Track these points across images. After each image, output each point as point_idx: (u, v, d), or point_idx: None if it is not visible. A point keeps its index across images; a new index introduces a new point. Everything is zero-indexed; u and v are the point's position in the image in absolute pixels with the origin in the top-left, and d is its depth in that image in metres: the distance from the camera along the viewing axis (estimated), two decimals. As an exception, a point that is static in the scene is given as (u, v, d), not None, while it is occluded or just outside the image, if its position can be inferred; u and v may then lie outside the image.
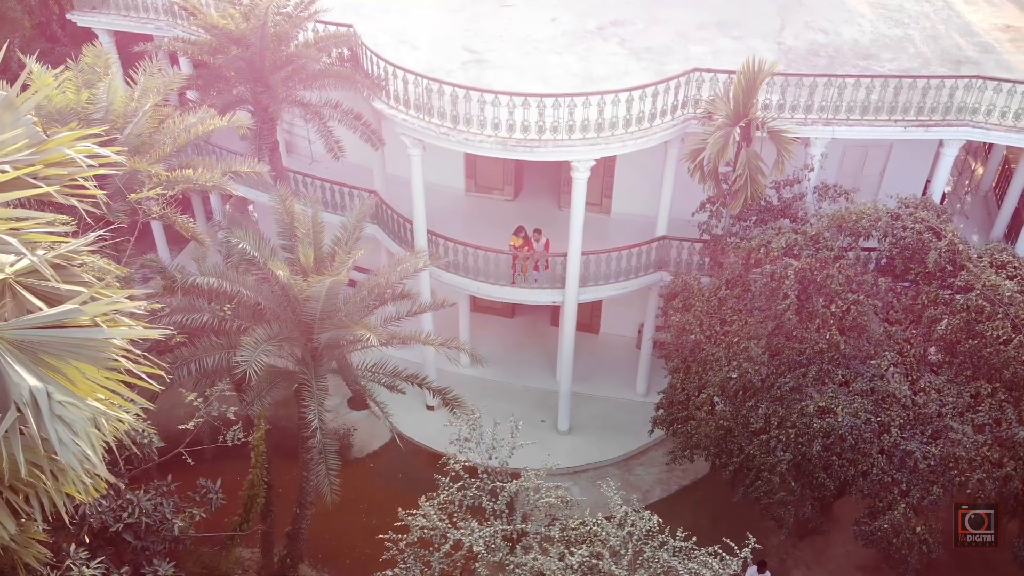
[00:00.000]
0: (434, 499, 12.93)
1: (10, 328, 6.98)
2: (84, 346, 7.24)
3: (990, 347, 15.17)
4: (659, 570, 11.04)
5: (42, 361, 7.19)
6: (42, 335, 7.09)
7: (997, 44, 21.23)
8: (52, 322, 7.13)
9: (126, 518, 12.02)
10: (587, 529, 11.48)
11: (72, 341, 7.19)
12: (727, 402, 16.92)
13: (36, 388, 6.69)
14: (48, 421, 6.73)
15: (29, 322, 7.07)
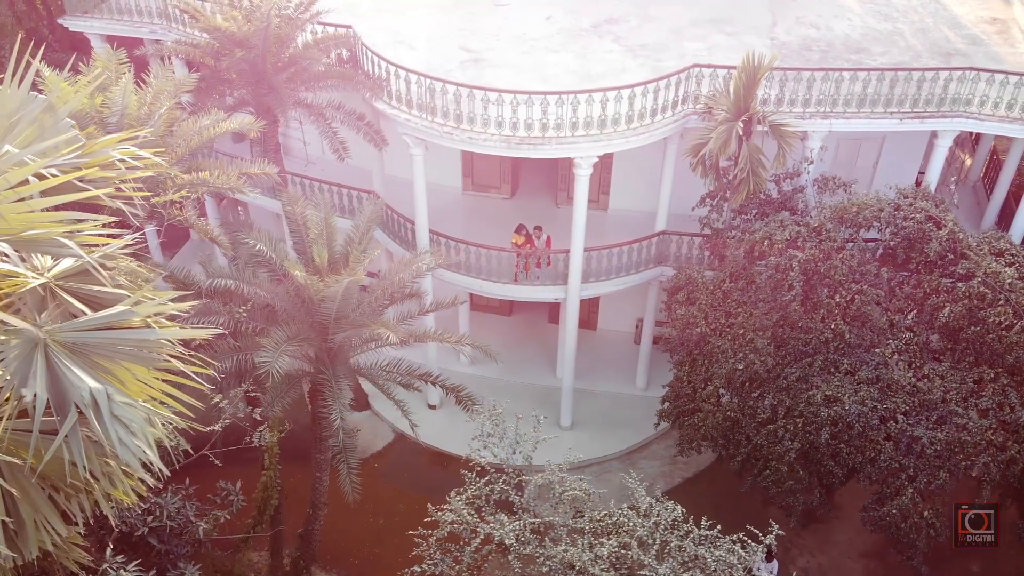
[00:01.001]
0: (462, 494, 12.98)
1: (63, 331, 7.01)
2: (136, 347, 7.28)
3: (992, 333, 15.48)
4: (686, 559, 11.19)
5: (94, 363, 7.22)
6: (95, 337, 7.12)
7: (985, 36, 21.61)
8: (104, 324, 7.17)
9: (151, 522, 12.01)
10: (613, 520, 11.62)
11: (124, 342, 7.23)
12: (734, 393, 17.12)
13: (96, 389, 6.72)
14: (108, 422, 6.77)
15: (82, 324, 7.10)
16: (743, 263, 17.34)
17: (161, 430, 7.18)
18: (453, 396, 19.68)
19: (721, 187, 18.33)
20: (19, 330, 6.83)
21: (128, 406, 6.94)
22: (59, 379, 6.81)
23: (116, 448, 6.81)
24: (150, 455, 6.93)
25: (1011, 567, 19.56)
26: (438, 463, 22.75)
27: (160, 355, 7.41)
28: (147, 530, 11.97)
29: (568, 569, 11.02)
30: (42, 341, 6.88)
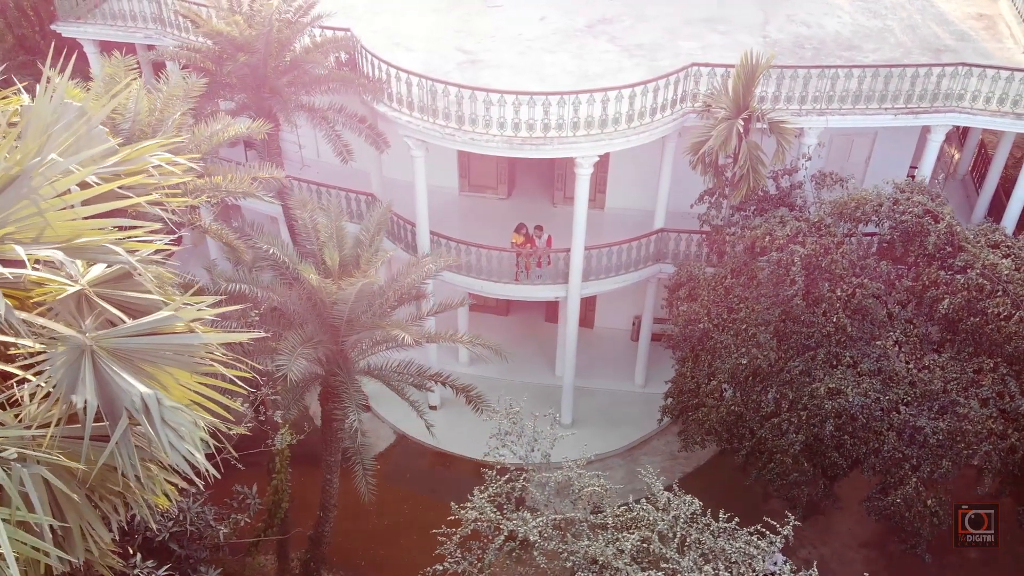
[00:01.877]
0: (485, 492, 13.09)
1: (109, 337, 7.05)
2: (180, 352, 7.33)
3: (991, 324, 15.77)
4: (707, 551, 11.36)
5: (139, 369, 7.26)
6: (139, 343, 7.17)
7: (972, 32, 21.97)
8: (148, 330, 7.22)
9: (171, 527, 12.04)
10: (633, 515, 11.77)
11: (168, 347, 7.27)
12: (737, 388, 17.31)
13: (147, 394, 6.78)
14: (159, 426, 6.83)
15: (127, 331, 7.14)
16: (744, 259, 17.54)
17: (207, 434, 7.25)
18: (453, 397, 19.83)
19: (720, 184, 18.53)
20: (66, 337, 6.87)
21: (176, 410, 7.01)
22: (108, 385, 6.86)
23: (167, 452, 6.87)
24: (200, 458, 7.00)
25: (1010, 556, 19.90)
26: (440, 463, 22.83)
27: (203, 359, 7.48)
28: (167, 535, 11.99)
29: (591, 564, 11.17)
30: (88, 347, 6.93)
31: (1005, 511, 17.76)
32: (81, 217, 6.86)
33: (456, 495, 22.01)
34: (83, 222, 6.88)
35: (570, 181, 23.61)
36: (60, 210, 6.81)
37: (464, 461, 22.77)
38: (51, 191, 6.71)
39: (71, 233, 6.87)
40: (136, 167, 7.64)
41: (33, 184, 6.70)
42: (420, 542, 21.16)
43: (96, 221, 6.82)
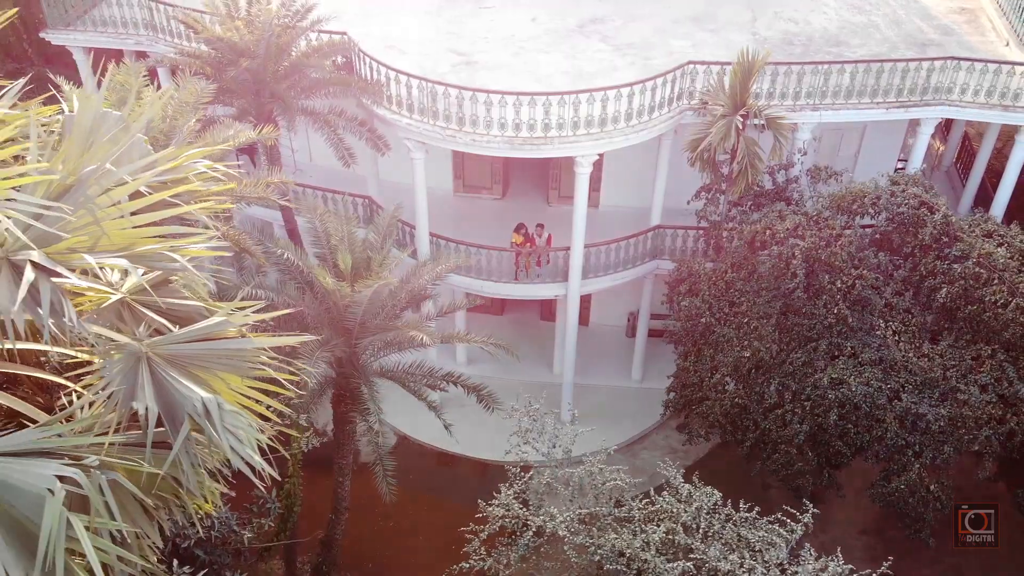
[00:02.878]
0: (511, 488, 13.22)
1: (164, 344, 7.11)
2: (232, 357, 7.40)
3: (989, 311, 16.13)
4: (730, 540, 11.57)
5: (193, 375, 7.33)
6: (193, 348, 7.23)
7: (955, 26, 22.41)
8: (202, 336, 7.29)
9: (194, 533, 12.06)
10: (657, 507, 11.96)
11: (221, 352, 7.34)
12: (740, 381, 17.57)
13: (208, 399, 6.85)
14: (220, 431, 6.90)
15: (181, 337, 7.21)
16: (745, 253, 17.80)
17: (264, 438, 7.33)
18: (452, 398, 19.93)
19: (717, 180, 18.78)
20: (122, 345, 6.93)
21: (234, 414, 7.08)
22: (167, 391, 6.92)
23: (228, 455, 6.95)
24: (260, 461, 7.08)
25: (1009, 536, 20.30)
26: (443, 464, 22.93)
27: (254, 364, 7.56)
28: (192, 541, 12.02)
29: (618, 557, 11.33)
30: (144, 354, 6.99)
31: (1003, 502, 18.16)
32: (136, 225, 6.91)
33: (460, 495, 22.34)
34: (137, 230, 6.93)
35: (565, 180, 23.82)
36: (114, 219, 6.86)
37: (466, 461, 22.91)
38: (107, 200, 6.76)
39: (126, 241, 6.91)
40: (184, 174, 7.70)
41: (89, 193, 6.75)
42: (427, 543, 21.30)
43: (153, 229, 6.87)
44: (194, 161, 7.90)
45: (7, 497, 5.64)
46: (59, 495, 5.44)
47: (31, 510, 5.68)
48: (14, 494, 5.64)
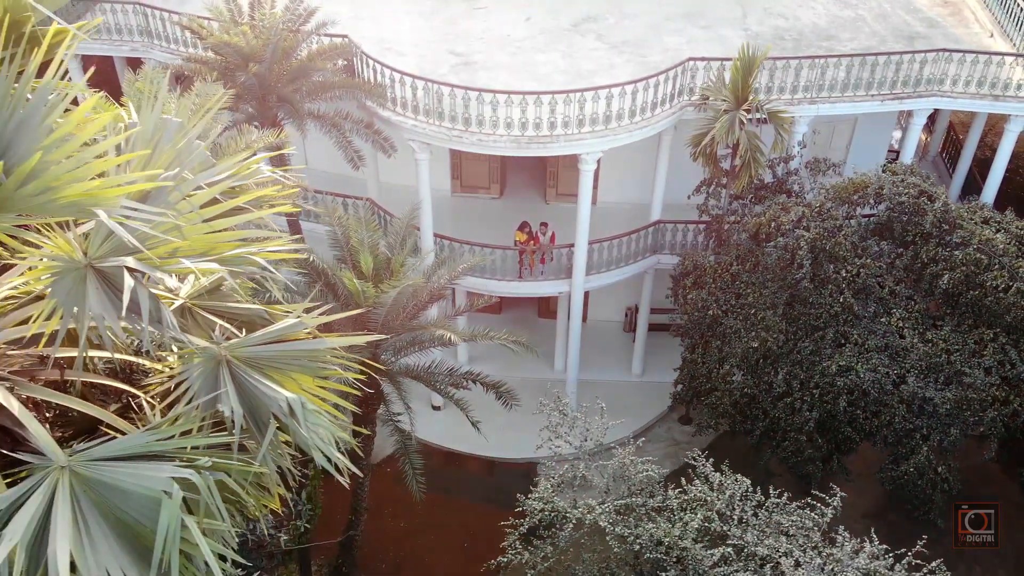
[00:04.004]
0: (548, 481, 13.39)
1: (241, 346, 7.20)
2: (305, 357, 7.50)
3: (991, 296, 16.57)
4: (764, 525, 11.83)
5: (269, 376, 7.42)
6: (269, 350, 7.32)
7: (940, 19, 22.92)
8: (276, 338, 7.38)
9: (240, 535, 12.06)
10: (690, 496, 12.19)
11: (295, 353, 7.43)
12: (748, 371, 17.86)
13: (292, 399, 6.94)
14: (306, 430, 7.00)
15: (257, 339, 7.29)
16: (750, 245, 18.11)
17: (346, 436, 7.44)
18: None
19: (719, 174, 19.07)
20: (202, 348, 7.01)
21: (316, 413, 7.19)
22: (249, 392, 7.01)
23: (312, 454, 7.06)
24: (343, 459, 7.19)
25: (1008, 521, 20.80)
26: (450, 463, 23.03)
27: (325, 364, 7.67)
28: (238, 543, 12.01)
29: (656, 546, 11.54)
30: (223, 358, 7.07)
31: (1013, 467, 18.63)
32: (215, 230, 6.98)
33: (469, 493, 22.51)
34: (216, 235, 7.01)
35: (562, 178, 24.04)
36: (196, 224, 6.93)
37: (472, 459, 23.04)
38: (187, 205, 6.83)
39: (206, 246, 6.98)
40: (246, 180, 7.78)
41: (170, 199, 6.82)
42: (440, 542, 21.40)
43: (232, 233, 6.95)
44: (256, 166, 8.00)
45: (117, 501, 5.71)
46: (177, 497, 5.52)
47: (141, 512, 5.75)
48: (124, 498, 5.71)
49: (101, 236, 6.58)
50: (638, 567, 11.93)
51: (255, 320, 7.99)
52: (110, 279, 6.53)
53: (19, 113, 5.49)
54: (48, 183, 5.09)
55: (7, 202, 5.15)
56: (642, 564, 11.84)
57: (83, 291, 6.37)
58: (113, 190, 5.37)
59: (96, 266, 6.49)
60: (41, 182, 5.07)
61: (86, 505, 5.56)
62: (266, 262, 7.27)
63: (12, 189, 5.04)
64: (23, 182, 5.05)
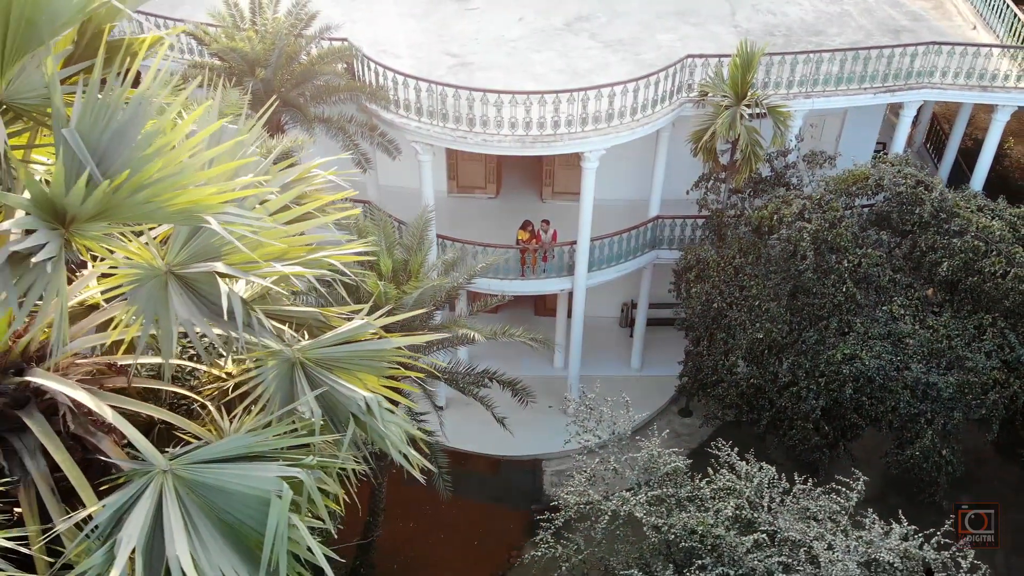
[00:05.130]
0: (583, 474, 13.56)
1: (312, 348, 7.30)
2: (371, 357, 7.60)
3: (989, 282, 17.00)
4: (793, 511, 12.09)
5: (339, 376, 7.51)
6: (339, 351, 7.43)
7: (924, 12, 23.43)
8: (345, 339, 7.48)
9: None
10: (719, 486, 12.43)
11: (362, 354, 7.54)
12: (753, 362, 18.17)
13: (369, 398, 7.05)
14: (383, 427, 7.11)
15: (327, 341, 7.40)
16: (753, 238, 18.41)
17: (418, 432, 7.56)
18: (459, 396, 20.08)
19: (718, 169, 19.36)
20: (277, 351, 7.09)
21: (389, 411, 7.30)
22: (325, 393, 7.11)
23: (389, 451, 7.18)
24: (416, 456, 7.32)
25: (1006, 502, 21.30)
26: (456, 462, 22.97)
27: (390, 363, 7.78)
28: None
29: (690, 535, 11.75)
30: (297, 360, 7.17)
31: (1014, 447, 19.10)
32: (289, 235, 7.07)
33: (476, 492, 22.60)
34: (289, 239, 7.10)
35: (559, 177, 24.23)
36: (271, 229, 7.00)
37: (477, 458, 23.15)
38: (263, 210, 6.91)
39: (278, 251, 7.07)
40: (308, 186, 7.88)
41: (246, 204, 6.89)
42: (449, 541, 21.50)
43: (305, 238, 7.04)
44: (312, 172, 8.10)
45: (219, 502, 5.79)
46: (287, 497, 5.61)
47: (244, 513, 5.84)
48: (227, 499, 5.80)
49: (179, 242, 6.66)
50: (671, 557, 12.15)
51: (309, 322, 8.10)
52: (192, 284, 6.61)
53: (116, 122, 5.55)
54: (159, 191, 5.16)
55: (116, 210, 5.22)
56: (675, 554, 12.06)
57: (165, 297, 6.44)
58: (218, 197, 5.45)
59: (176, 272, 6.56)
60: (153, 190, 5.14)
61: (191, 507, 5.65)
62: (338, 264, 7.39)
63: (124, 197, 5.11)
64: (136, 190, 5.12)
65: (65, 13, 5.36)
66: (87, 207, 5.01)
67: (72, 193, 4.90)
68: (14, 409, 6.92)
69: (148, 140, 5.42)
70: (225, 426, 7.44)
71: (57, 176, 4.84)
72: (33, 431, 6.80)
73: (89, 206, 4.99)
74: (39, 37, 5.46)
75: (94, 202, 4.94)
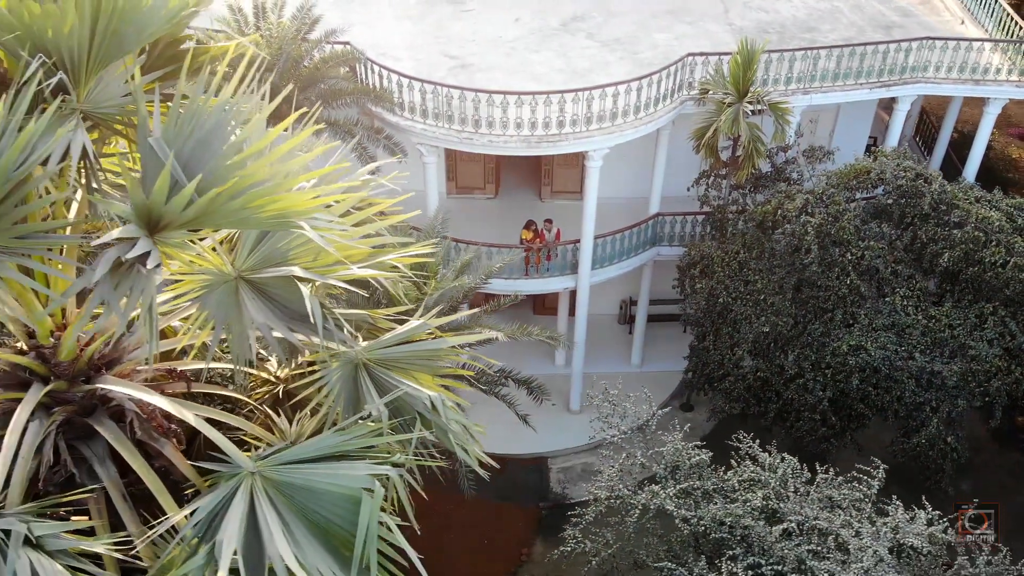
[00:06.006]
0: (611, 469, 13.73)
1: (375, 348, 7.40)
2: (428, 356, 7.72)
3: (990, 271, 17.35)
4: (817, 500, 12.32)
5: (400, 376, 7.62)
6: (399, 351, 7.53)
7: (912, 8, 23.83)
8: (404, 339, 7.59)
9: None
10: (744, 477, 12.63)
11: (420, 353, 7.65)
12: (760, 355, 18.43)
13: (435, 396, 7.16)
14: (449, 425, 7.23)
15: (388, 341, 7.51)
16: (756, 234, 18.66)
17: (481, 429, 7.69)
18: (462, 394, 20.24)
19: (719, 165, 19.60)
20: (341, 352, 7.19)
21: (453, 409, 7.42)
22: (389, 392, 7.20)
23: (453, 447, 7.30)
24: (480, 452, 7.44)
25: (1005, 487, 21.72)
26: (457, 461, 23.17)
27: (444, 361, 7.90)
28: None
29: (719, 526, 11.95)
30: (360, 360, 7.27)
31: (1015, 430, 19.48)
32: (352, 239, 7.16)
33: (482, 490, 22.62)
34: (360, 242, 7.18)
35: (557, 176, 24.40)
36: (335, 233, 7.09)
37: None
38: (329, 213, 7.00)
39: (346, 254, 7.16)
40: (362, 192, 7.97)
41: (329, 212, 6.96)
42: (458, 540, 21.59)
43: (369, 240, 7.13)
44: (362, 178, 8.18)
45: (307, 502, 5.88)
46: (379, 495, 5.71)
47: (331, 512, 5.93)
48: (315, 498, 5.89)
49: (247, 248, 6.74)
50: (700, 548, 12.34)
51: (360, 323, 8.19)
52: (262, 288, 6.69)
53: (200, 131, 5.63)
54: (253, 198, 5.25)
55: (210, 216, 5.30)
56: (703, 545, 12.26)
57: (236, 302, 6.52)
58: (309, 203, 5.54)
59: (246, 277, 6.64)
60: (247, 197, 5.22)
61: (282, 507, 5.73)
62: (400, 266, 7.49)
63: (221, 203, 5.19)
64: (231, 197, 5.20)
65: (152, 25, 5.43)
66: (187, 214, 5.09)
67: (174, 201, 4.98)
68: (82, 417, 6.98)
69: (236, 148, 5.50)
70: (284, 428, 7.55)
71: (161, 184, 4.91)
72: (104, 438, 6.87)
73: (190, 214, 5.07)
74: (123, 49, 5.53)
75: (196, 209, 5.02)
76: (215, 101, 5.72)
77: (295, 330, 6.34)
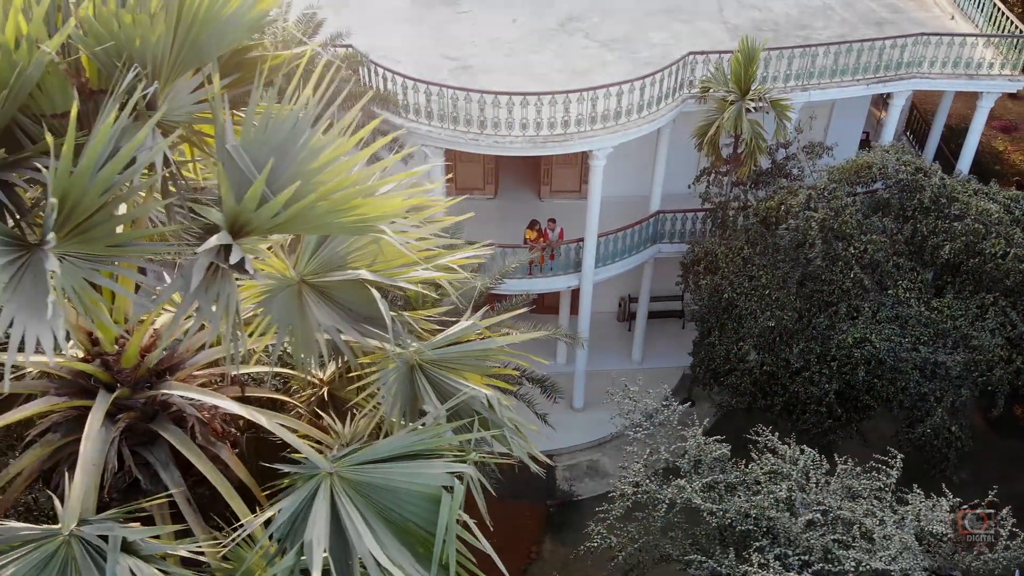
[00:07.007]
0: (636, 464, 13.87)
1: (428, 349, 7.49)
2: (477, 356, 7.82)
3: (990, 263, 17.68)
4: (838, 491, 12.54)
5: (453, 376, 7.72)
6: (450, 352, 7.64)
7: (902, 4, 24.17)
8: (455, 339, 7.69)
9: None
10: (767, 470, 12.81)
11: (470, 353, 7.76)
12: (766, 350, 18.65)
13: (491, 395, 7.27)
14: (504, 423, 7.33)
15: (441, 341, 7.61)
16: (760, 229, 18.89)
17: (534, 428, 7.80)
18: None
19: (720, 162, 19.81)
20: (397, 354, 7.27)
21: (507, 408, 7.53)
22: (444, 392, 7.31)
23: (511, 445, 7.41)
24: (535, 450, 7.55)
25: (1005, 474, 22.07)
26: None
27: (493, 361, 8.01)
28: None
29: (744, 518, 12.13)
30: (415, 361, 7.36)
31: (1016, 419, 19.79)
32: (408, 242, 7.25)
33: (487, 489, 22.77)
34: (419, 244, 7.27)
35: (556, 175, 24.55)
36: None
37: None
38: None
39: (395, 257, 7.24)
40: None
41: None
42: (466, 539, 21.66)
43: (425, 243, 7.22)
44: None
45: (385, 501, 5.97)
46: (458, 493, 5.81)
47: (409, 510, 6.02)
48: (393, 497, 5.98)
49: (309, 252, 6.83)
50: (726, 541, 12.52)
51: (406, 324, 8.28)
52: (325, 292, 6.78)
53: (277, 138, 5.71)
54: (337, 203, 5.34)
55: (294, 222, 5.38)
56: (729, 538, 12.44)
57: (300, 305, 6.60)
58: (387, 207, 5.63)
59: (309, 281, 6.73)
60: (331, 202, 5.31)
61: (361, 507, 5.82)
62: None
63: (306, 209, 5.27)
64: (316, 203, 5.29)
65: (232, 34, 5.51)
66: (273, 221, 5.17)
67: (265, 208, 5.06)
68: (144, 423, 7.03)
69: (315, 154, 5.59)
70: (339, 430, 7.64)
71: (253, 192, 4.99)
72: (166, 443, 6.93)
73: (276, 220, 5.16)
74: (200, 57, 5.59)
75: (284, 216, 5.10)
76: (289, 108, 5.79)
77: (364, 333, 6.41)
